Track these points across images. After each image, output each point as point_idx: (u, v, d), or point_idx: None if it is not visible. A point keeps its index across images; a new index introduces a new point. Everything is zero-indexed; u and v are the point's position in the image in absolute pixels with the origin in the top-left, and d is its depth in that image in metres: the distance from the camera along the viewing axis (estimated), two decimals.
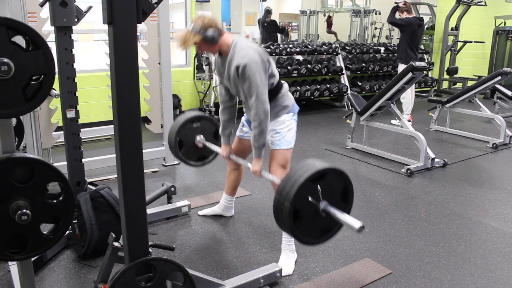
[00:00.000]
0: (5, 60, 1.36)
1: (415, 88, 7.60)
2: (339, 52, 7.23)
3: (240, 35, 9.54)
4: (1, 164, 1.45)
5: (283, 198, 1.82)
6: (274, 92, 2.40)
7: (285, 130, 2.45)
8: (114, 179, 3.74)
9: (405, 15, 5.86)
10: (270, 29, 8.45)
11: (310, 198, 1.86)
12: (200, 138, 2.89)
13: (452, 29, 8.73)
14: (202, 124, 2.93)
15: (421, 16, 6.25)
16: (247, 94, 2.26)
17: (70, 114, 2.55)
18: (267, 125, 2.28)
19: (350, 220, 1.81)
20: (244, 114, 2.67)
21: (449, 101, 5.68)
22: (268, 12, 8.36)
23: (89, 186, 2.77)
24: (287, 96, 2.50)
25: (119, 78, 1.50)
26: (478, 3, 8.34)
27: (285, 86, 2.54)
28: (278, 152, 2.47)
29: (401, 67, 5.93)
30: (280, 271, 2.32)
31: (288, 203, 1.79)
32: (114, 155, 1.63)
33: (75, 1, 2.45)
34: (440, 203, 3.43)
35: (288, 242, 2.51)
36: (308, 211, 1.87)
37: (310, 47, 7.00)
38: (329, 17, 9.65)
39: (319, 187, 1.87)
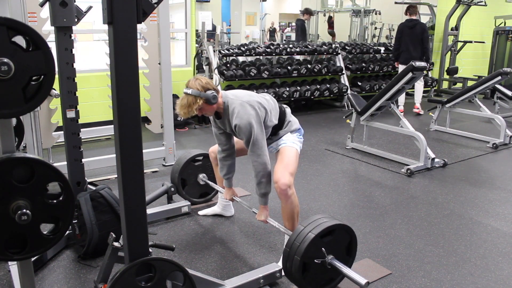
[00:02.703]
0: (5, 60, 1.36)
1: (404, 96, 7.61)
2: (339, 52, 7.23)
3: (240, 35, 9.55)
4: (1, 164, 1.45)
5: (293, 251, 1.99)
6: (279, 124, 2.50)
7: (291, 138, 2.53)
8: (114, 179, 3.74)
9: (408, 16, 6.61)
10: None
11: (318, 253, 2.03)
12: (202, 176, 3.15)
13: (452, 29, 8.74)
14: (204, 163, 3.18)
15: (413, 18, 6.66)
16: (245, 145, 2.35)
17: (70, 114, 2.55)
18: (266, 176, 2.34)
19: (356, 276, 1.96)
20: None
21: (449, 101, 5.68)
22: (306, 11, 8.37)
23: (89, 186, 2.77)
24: (293, 122, 2.58)
25: (119, 78, 1.50)
26: (478, 3, 8.34)
27: (288, 112, 2.60)
28: (285, 149, 2.48)
29: (400, 67, 6.58)
30: (280, 271, 2.32)
31: (298, 257, 1.97)
32: (114, 155, 1.63)
33: (75, 1, 2.45)
34: (440, 203, 3.43)
35: None
36: (316, 265, 2.02)
37: (310, 47, 7.00)
38: (330, 17, 9.66)
39: (326, 242, 2.05)
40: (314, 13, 8.79)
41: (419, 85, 6.92)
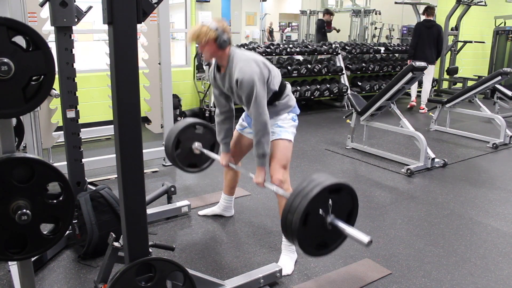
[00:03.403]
0: (5, 60, 1.36)
1: (416, 88, 7.65)
2: (339, 52, 7.23)
3: (240, 35, 9.55)
4: (1, 164, 1.45)
5: (299, 200, 1.84)
6: (279, 92, 2.45)
7: (286, 124, 2.48)
8: (114, 179, 3.74)
9: (425, 16, 6.95)
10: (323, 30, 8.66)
11: (324, 206, 1.88)
12: (198, 145, 2.91)
13: (452, 29, 8.74)
14: (204, 133, 2.96)
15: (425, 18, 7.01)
16: (246, 104, 2.32)
17: (70, 114, 2.55)
18: (265, 135, 2.30)
19: (358, 234, 1.84)
20: (244, 112, 2.70)
21: (449, 101, 5.68)
22: (327, 11, 8.54)
23: (89, 186, 2.77)
24: (291, 97, 2.54)
25: (119, 78, 1.50)
26: (478, 3, 8.34)
27: (288, 86, 2.57)
28: (278, 143, 2.44)
29: None
30: (280, 271, 2.32)
31: (304, 205, 1.81)
32: (114, 155, 1.63)
33: (75, 1, 2.45)
34: (440, 203, 3.43)
35: (288, 242, 2.51)
36: (317, 220, 1.89)
37: (310, 47, 7.00)
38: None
39: (332, 200, 1.91)
40: (334, 13, 8.91)
41: (427, 86, 7.14)
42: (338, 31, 9.17)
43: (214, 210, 3.11)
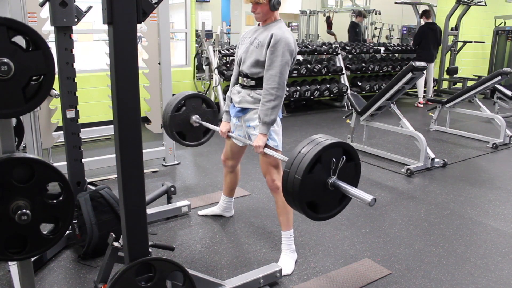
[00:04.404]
0: (5, 60, 1.36)
1: (414, 88, 7.66)
2: (339, 52, 7.23)
3: (240, 35, 9.54)
4: (1, 164, 1.45)
5: (313, 145, 1.75)
6: None
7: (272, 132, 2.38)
8: (114, 179, 3.74)
9: (423, 20, 7.47)
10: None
11: (337, 157, 1.78)
12: (196, 118, 2.81)
13: (452, 29, 8.74)
14: (207, 111, 2.87)
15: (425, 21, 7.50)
16: (268, 65, 2.27)
17: (70, 114, 2.55)
18: (281, 102, 2.29)
19: (361, 194, 1.76)
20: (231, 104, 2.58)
21: (449, 101, 5.68)
22: (359, 13, 8.77)
23: (89, 186, 2.77)
24: None
25: (119, 78, 1.50)
26: (478, 3, 8.34)
27: None
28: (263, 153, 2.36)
29: None
30: (280, 271, 2.32)
31: (317, 149, 1.72)
32: (114, 155, 1.63)
33: (75, 1, 2.45)
34: (440, 203, 3.43)
35: (287, 242, 2.51)
36: (322, 173, 1.78)
37: (310, 47, 7.00)
38: (328, 17, 9.66)
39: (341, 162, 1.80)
40: (367, 15, 9.04)
41: (430, 81, 7.72)
42: (333, 34, 9.23)
43: (214, 210, 3.11)
